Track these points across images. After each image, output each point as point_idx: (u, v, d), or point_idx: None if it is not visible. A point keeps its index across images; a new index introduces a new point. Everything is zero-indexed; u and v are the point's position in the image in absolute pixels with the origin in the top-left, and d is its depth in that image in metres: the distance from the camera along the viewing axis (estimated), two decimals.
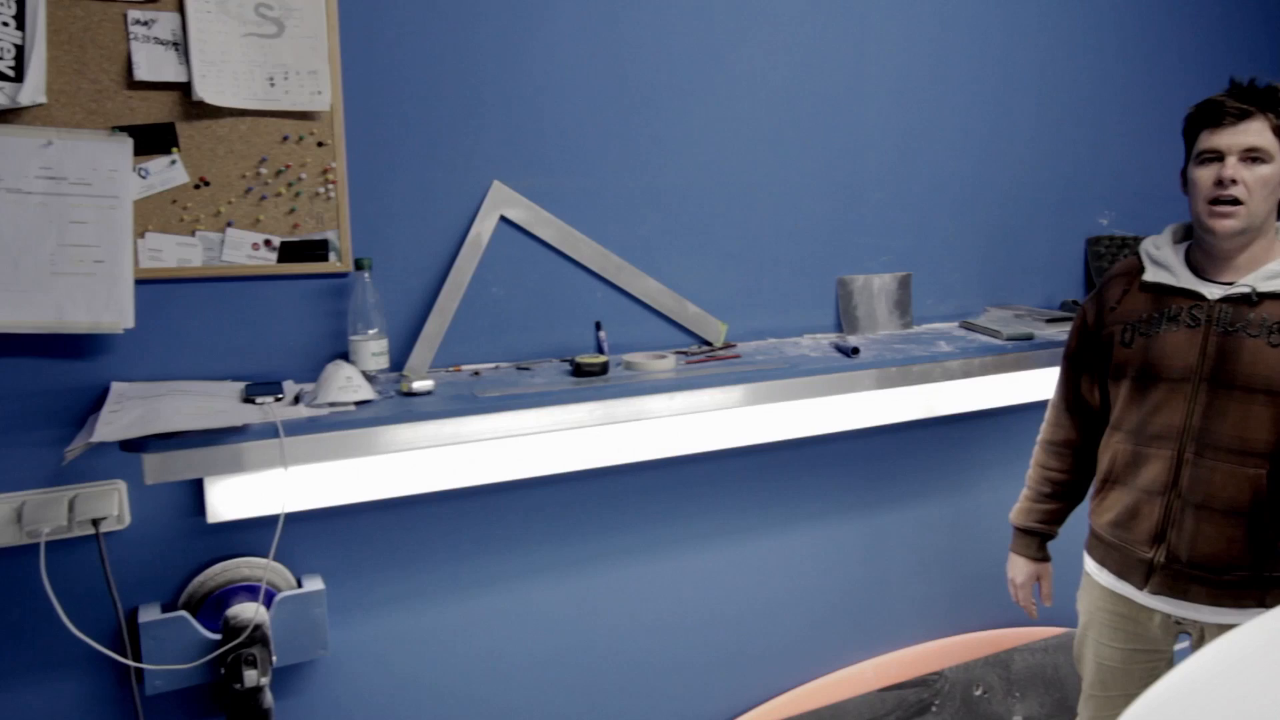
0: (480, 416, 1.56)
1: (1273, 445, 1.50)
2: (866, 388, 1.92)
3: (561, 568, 1.95)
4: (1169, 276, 1.61)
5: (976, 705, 2.44)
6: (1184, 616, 1.63)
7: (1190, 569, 1.57)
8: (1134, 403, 1.63)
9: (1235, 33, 2.67)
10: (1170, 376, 1.58)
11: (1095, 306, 1.73)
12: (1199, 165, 1.54)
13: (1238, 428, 1.51)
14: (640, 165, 1.90)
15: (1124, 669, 1.74)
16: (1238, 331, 1.51)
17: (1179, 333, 1.57)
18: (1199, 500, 1.55)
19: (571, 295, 1.87)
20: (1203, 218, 1.53)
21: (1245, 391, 1.50)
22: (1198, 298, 1.56)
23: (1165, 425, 1.58)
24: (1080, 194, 2.47)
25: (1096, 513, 1.74)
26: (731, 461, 2.08)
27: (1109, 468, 1.69)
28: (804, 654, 2.29)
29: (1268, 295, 1.50)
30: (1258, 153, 1.48)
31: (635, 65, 1.86)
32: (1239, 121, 1.48)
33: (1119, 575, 1.69)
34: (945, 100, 2.22)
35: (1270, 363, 1.48)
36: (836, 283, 2.17)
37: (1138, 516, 1.63)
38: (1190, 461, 1.55)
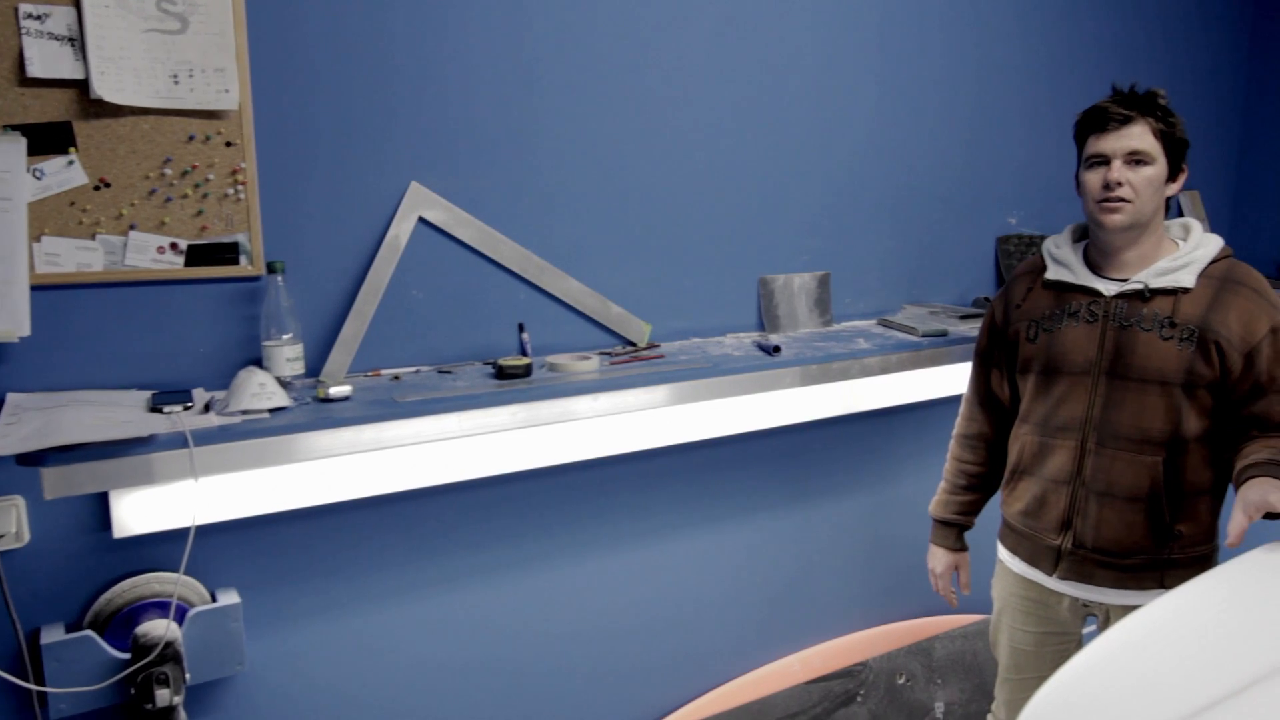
0: (400, 421, 1.54)
1: (1168, 434, 1.57)
2: (788, 385, 1.95)
3: (487, 572, 1.93)
4: (1069, 274, 1.67)
5: (900, 693, 2.50)
6: (1091, 600, 1.70)
7: (1095, 554, 1.64)
8: (1039, 396, 1.69)
9: (1126, 41, 2.79)
10: (1072, 370, 1.64)
11: (1003, 304, 1.79)
12: (1088, 169, 1.61)
13: (1135, 418, 1.58)
14: (561, 167, 1.89)
15: (1036, 652, 1.80)
16: (1132, 326, 1.58)
17: (1079, 328, 1.64)
18: (1101, 488, 1.61)
19: (493, 297, 1.85)
20: (1094, 214, 1.61)
21: (1140, 383, 1.57)
22: (1095, 294, 1.63)
23: (1069, 417, 1.65)
24: (989, 195, 2.55)
25: (1007, 503, 1.80)
26: (657, 461, 2.08)
27: (1018, 459, 1.75)
28: (732, 650, 2.32)
29: (1159, 291, 1.58)
30: (1140, 155, 1.56)
31: (555, 66, 1.85)
32: (1122, 126, 1.56)
33: (1030, 562, 1.75)
34: (861, 105, 2.27)
35: (1163, 355, 1.55)
36: (758, 282, 2.20)
37: (1045, 505, 1.69)
38: (1092, 451, 1.62)
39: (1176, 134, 1.58)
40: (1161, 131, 1.56)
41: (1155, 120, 1.56)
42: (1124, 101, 1.58)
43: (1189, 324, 1.54)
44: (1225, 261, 1.59)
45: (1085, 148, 1.62)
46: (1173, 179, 1.60)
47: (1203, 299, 1.55)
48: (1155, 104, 1.57)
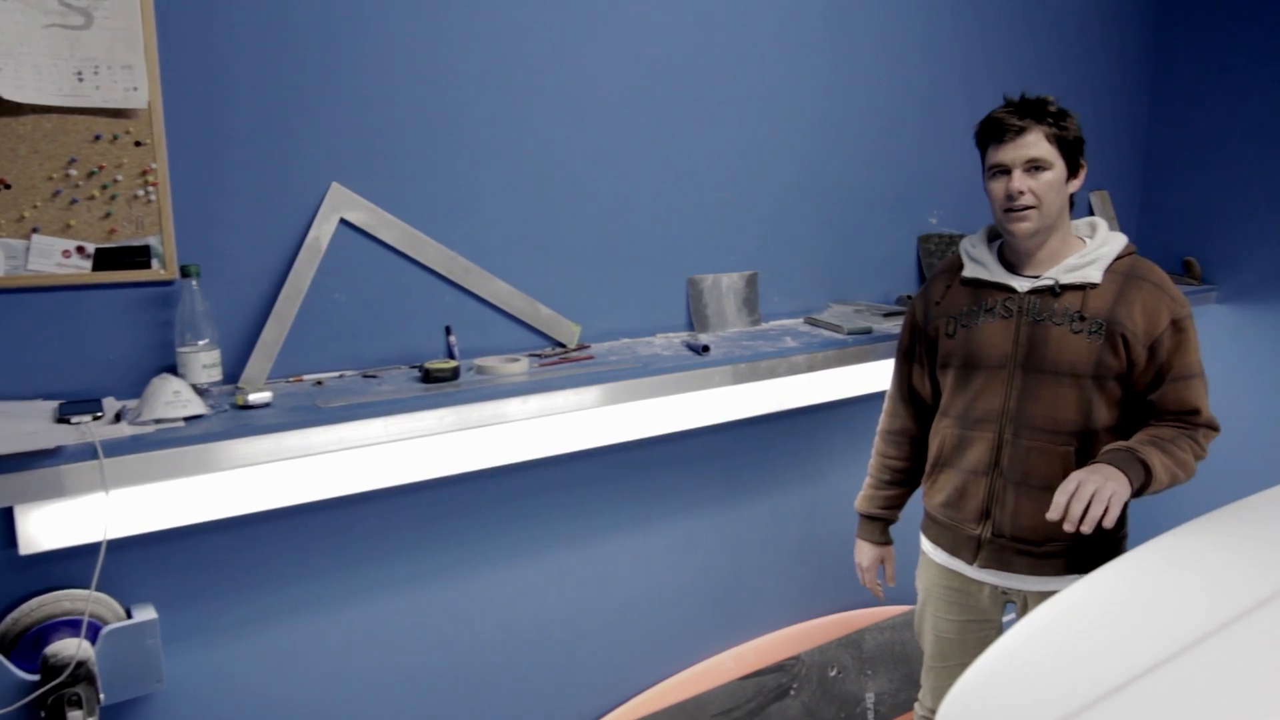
0: (324, 428, 1.50)
1: (1080, 425, 1.63)
2: (718, 384, 1.96)
3: (417, 579, 1.90)
4: (984, 272, 1.73)
5: (832, 685, 2.54)
6: (1010, 587, 1.75)
7: (1013, 542, 1.69)
8: (959, 390, 1.74)
9: (1038, 47, 2.89)
10: (989, 364, 1.69)
11: (923, 302, 1.84)
12: (991, 178, 1.68)
13: (1049, 409, 1.64)
14: (487, 167, 1.87)
15: (960, 640, 1.85)
16: (1045, 320, 1.64)
17: (995, 323, 1.69)
18: (1018, 478, 1.67)
19: (419, 299, 1.83)
20: (1003, 222, 1.67)
21: (1053, 375, 1.63)
22: (1010, 291, 1.69)
23: (986, 410, 1.70)
24: (911, 195, 2.61)
25: (929, 495, 1.85)
26: (589, 463, 2.08)
27: (939, 452, 1.80)
28: (666, 649, 2.33)
29: (1068, 286, 1.64)
30: (1038, 162, 1.62)
31: (480, 65, 1.83)
32: (1018, 136, 1.62)
33: (951, 552, 1.80)
34: (787, 106, 2.30)
35: (1073, 348, 1.62)
36: (687, 282, 2.21)
37: (965, 496, 1.74)
38: (1009, 442, 1.67)
39: (1070, 135, 1.64)
40: (1055, 135, 1.62)
41: (1048, 126, 1.62)
42: (1017, 111, 1.64)
43: (1097, 317, 1.61)
44: (1129, 258, 1.67)
45: (987, 157, 1.69)
46: (1073, 176, 1.67)
47: (1109, 293, 1.62)
48: (1046, 110, 1.63)
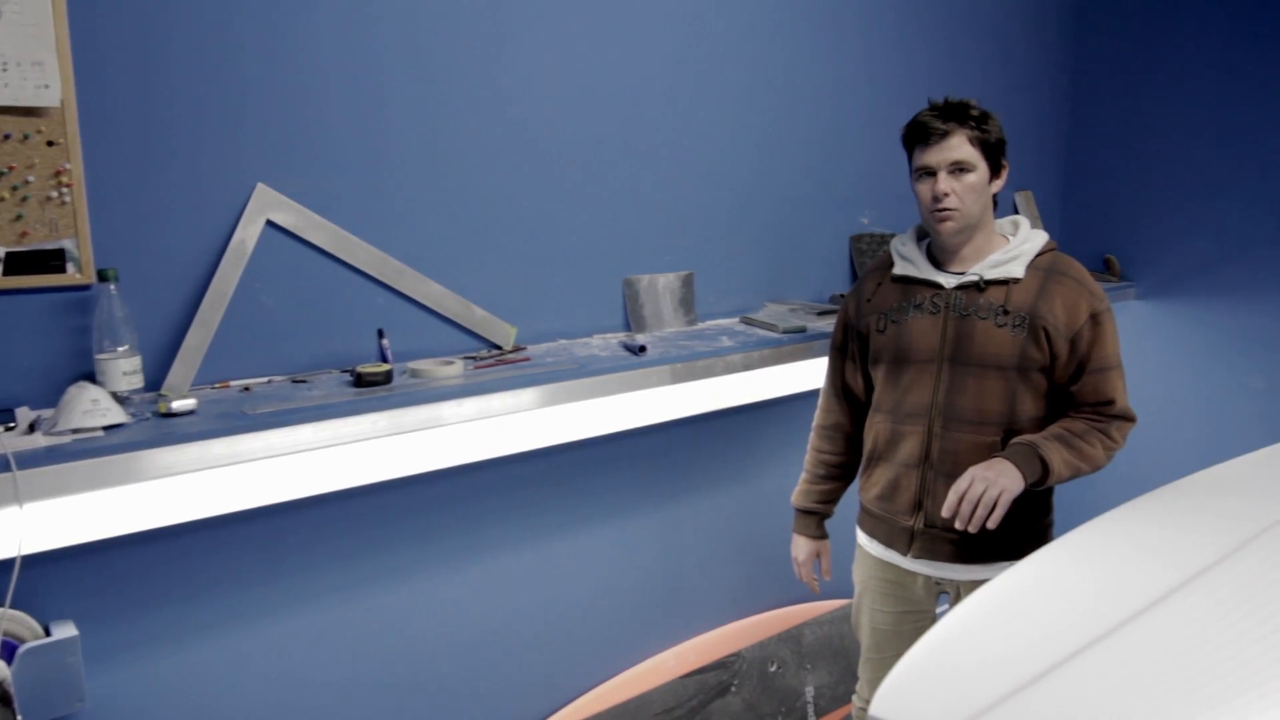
0: (252, 435, 1.47)
1: (1005, 416, 1.68)
2: (655, 384, 1.97)
3: (353, 587, 1.87)
4: (913, 269, 1.77)
5: (772, 681, 2.57)
6: (942, 577, 1.79)
7: (945, 533, 1.73)
8: (890, 385, 1.78)
9: (963, 51, 2.96)
10: (918, 359, 1.73)
11: (855, 300, 1.87)
12: (918, 180, 1.72)
13: (975, 401, 1.68)
14: (420, 168, 1.85)
15: (895, 631, 1.88)
16: (971, 315, 1.69)
17: (923, 319, 1.73)
18: (948, 470, 1.71)
19: (350, 302, 1.80)
20: (930, 222, 1.72)
21: (979, 368, 1.68)
22: (937, 287, 1.74)
23: (916, 403, 1.74)
24: (842, 196, 2.66)
25: (864, 488, 1.88)
26: (528, 465, 2.07)
27: (872, 446, 1.84)
28: (607, 650, 2.32)
29: (993, 282, 1.69)
30: (962, 164, 1.67)
31: (412, 62, 1.81)
32: (942, 139, 1.66)
33: (886, 544, 1.84)
34: (723, 109, 2.32)
35: (998, 341, 1.66)
36: (623, 283, 2.21)
37: (898, 489, 1.78)
38: (939, 435, 1.71)
39: (992, 137, 1.69)
40: (978, 139, 1.67)
41: (970, 129, 1.67)
42: (941, 115, 1.68)
43: (1020, 311, 1.66)
44: (1050, 254, 1.73)
45: (913, 159, 1.73)
46: (995, 176, 1.72)
47: (1031, 288, 1.67)
48: (968, 114, 1.68)
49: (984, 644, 1.12)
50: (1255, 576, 1.24)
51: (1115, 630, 1.12)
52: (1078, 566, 1.34)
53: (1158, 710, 0.97)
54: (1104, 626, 1.13)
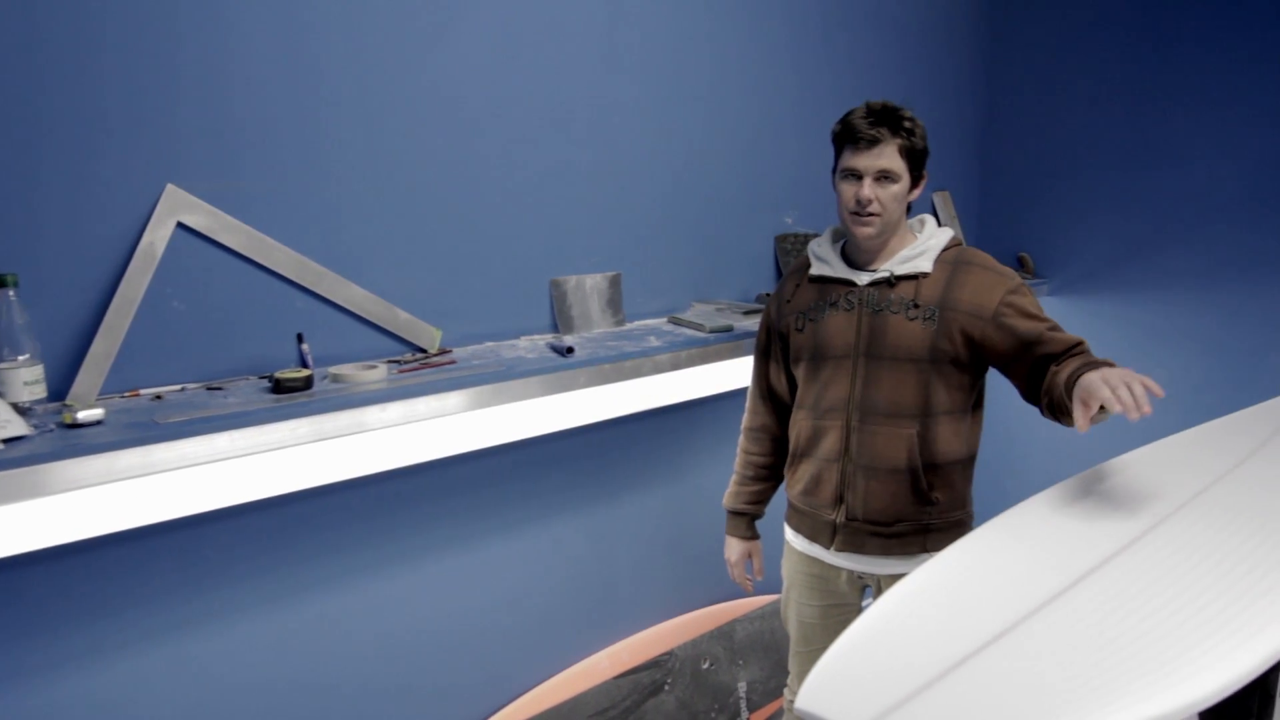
0: (164, 445, 1.42)
1: (920, 408, 1.72)
2: (583, 385, 1.96)
3: (278, 598, 1.82)
4: (829, 269, 1.81)
5: (705, 678, 2.59)
6: (865, 571, 1.83)
7: (865, 525, 1.77)
8: (810, 382, 1.81)
9: (882, 55, 3.03)
10: (835, 355, 1.77)
11: (776, 302, 1.91)
12: (842, 180, 1.74)
13: (890, 394, 1.72)
14: (340, 167, 1.81)
15: (822, 624, 1.92)
16: (883, 311, 1.73)
17: (839, 316, 1.77)
18: (866, 463, 1.74)
19: (267, 307, 1.75)
20: (848, 224, 1.75)
21: (893, 361, 1.72)
22: (851, 285, 1.77)
23: (835, 399, 1.77)
24: (767, 196, 2.69)
25: (790, 485, 1.91)
26: (456, 469, 2.04)
27: (795, 443, 1.87)
28: (540, 653, 2.31)
29: (903, 277, 1.73)
30: (888, 173, 1.69)
31: (333, 58, 1.77)
32: (873, 146, 1.68)
33: (811, 539, 1.87)
34: (649, 109, 2.32)
35: (910, 334, 1.70)
36: (550, 284, 2.20)
37: (821, 483, 1.81)
38: (856, 429, 1.75)
39: (918, 147, 1.72)
40: (905, 148, 1.70)
41: (901, 138, 1.69)
42: (875, 120, 1.69)
43: (930, 304, 1.70)
44: (956, 248, 1.77)
45: (840, 159, 1.75)
46: (915, 186, 1.75)
47: (940, 281, 1.72)
48: (900, 122, 1.70)
49: (904, 636, 1.15)
50: (1159, 561, 1.29)
51: (1027, 618, 1.16)
52: (991, 558, 1.38)
53: (1068, 694, 1.00)
54: (1017, 615, 1.16)
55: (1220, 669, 1.05)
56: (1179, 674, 1.04)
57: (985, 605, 1.21)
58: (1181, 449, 1.78)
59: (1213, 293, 3.11)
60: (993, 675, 1.05)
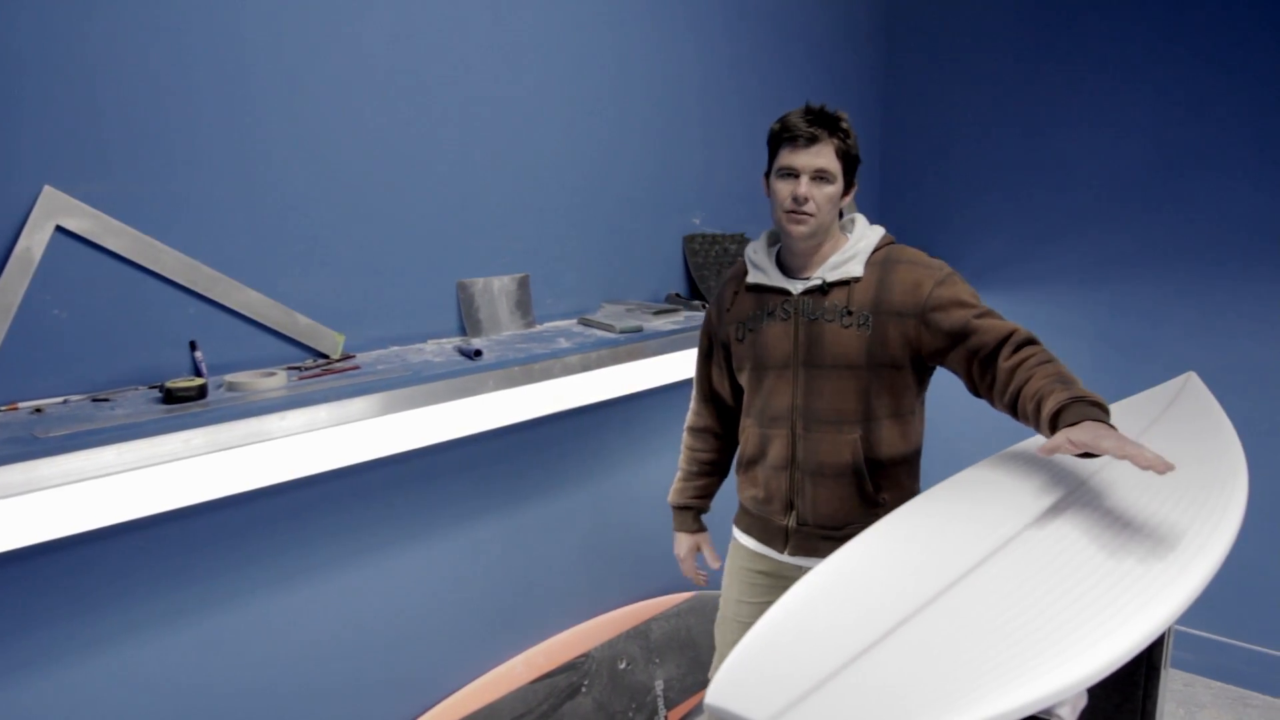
0: (46, 460, 1.35)
1: (861, 413, 1.73)
2: (493, 389, 1.94)
3: (172, 617, 1.74)
4: (764, 278, 1.81)
5: (622, 678, 2.59)
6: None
7: (816, 529, 1.80)
8: (755, 391, 1.83)
9: (785, 58, 3.09)
10: (775, 365, 1.78)
11: (716, 309, 1.92)
12: (779, 179, 1.72)
13: (831, 401, 1.73)
14: (232, 167, 1.75)
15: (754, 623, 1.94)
16: (818, 319, 1.73)
17: (776, 325, 1.78)
18: (813, 469, 1.76)
19: (157, 314, 1.68)
20: (782, 223, 1.73)
21: (832, 369, 1.73)
22: (787, 293, 1.77)
23: (778, 408, 1.79)
24: (675, 197, 2.71)
25: (742, 488, 1.93)
26: (364, 476, 1.99)
27: (745, 450, 1.89)
28: (453, 661, 2.28)
29: (835, 284, 1.73)
30: (825, 174, 1.69)
31: (223, 54, 1.70)
32: (811, 145, 1.68)
33: (763, 542, 1.89)
34: (554, 110, 2.32)
35: (845, 342, 1.71)
36: (457, 286, 2.17)
37: (771, 490, 1.83)
38: (801, 436, 1.77)
39: (853, 152, 1.73)
40: (842, 151, 1.70)
41: (839, 140, 1.69)
42: (816, 120, 1.69)
43: (863, 310, 1.70)
44: (885, 248, 1.77)
45: (778, 158, 1.73)
46: (847, 192, 1.76)
47: (871, 284, 1.72)
48: (839, 125, 1.70)
49: (810, 630, 1.17)
50: (1048, 547, 1.35)
51: (926, 606, 1.19)
52: (896, 545, 1.41)
53: (966, 677, 1.04)
54: (916, 604, 1.20)
55: (1106, 646, 1.11)
56: (1069, 652, 1.08)
57: (886, 596, 1.24)
58: None
59: (1096, 290, 3.28)
60: (895, 663, 1.08)
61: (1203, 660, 3.20)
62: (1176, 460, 1.35)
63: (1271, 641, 3.08)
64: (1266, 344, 2.97)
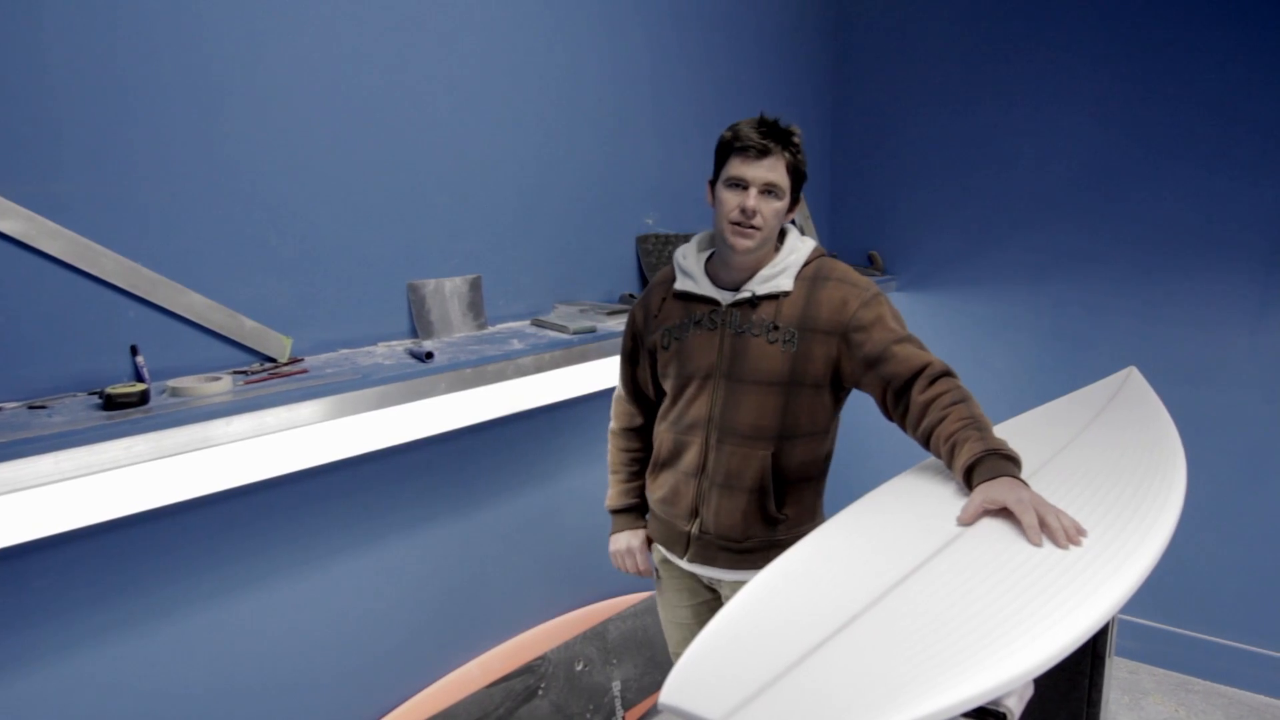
0: None
1: (777, 430, 1.72)
2: (444, 391, 1.92)
3: (110, 629, 1.70)
4: (693, 285, 1.79)
5: (579, 680, 2.58)
6: (713, 578, 1.86)
7: (717, 539, 1.79)
8: (675, 398, 1.82)
9: (737, 62, 3.11)
10: (698, 374, 1.76)
11: (643, 311, 1.89)
12: (727, 188, 1.69)
13: (750, 416, 1.72)
14: (172, 166, 1.71)
15: (697, 622, 1.94)
16: (745, 332, 1.72)
17: (702, 335, 1.76)
18: (721, 480, 1.76)
19: (96, 318, 1.63)
20: (726, 234, 1.70)
21: (754, 384, 1.71)
22: (715, 303, 1.76)
23: (696, 417, 1.77)
24: (628, 198, 2.71)
25: (651, 490, 1.92)
26: (315, 481, 1.96)
27: (658, 454, 1.88)
28: (408, 667, 2.25)
29: (764, 297, 1.72)
30: (774, 188, 1.67)
31: (159, 49, 1.66)
32: (763, 157, 1.65)
33: (666, 546, 1.90)
34: (505, 110, 2.30)
35: (769, 357, 1.70)
36: (407, 287, 2.15)
37: (679, 495, 1.83)
38: (714, 447, 1.76)
39: (802, 168, 1.71)
40: (792, 166, 1.68)
41: (790, 156, 1.67)
42: (769, 133, 1.66)
43: (790, 326, 1.69)
44: (815, 262, 1.76)
45: (727, 167, 1.69)
46: (792, 207, 1.75)
47: (799, 300, 1.71)
48: (791, 140, 1.68)
49: (761, 629, 1.18)
50: (993, 542, 1.37)
51: (874, 604, 1.21)
52: (838, 550, 1.42)
53: (914, 672, 1.05)
54: (864, 602, 1.22)
55: (1051, 637, 1.13)
56: (1015, 645, 1.11)
57: (835, 595, 1.25)
58: (1017, 432, 1.90)
59: (1043, 284, 3.35)
60: (846, 659, 1.09)
61: (1146, 648, 3.29)
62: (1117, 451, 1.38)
63: (1211, 628, 3.18)
64: (1203, 339, 3.06)
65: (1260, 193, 2.90)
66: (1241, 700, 3.08)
